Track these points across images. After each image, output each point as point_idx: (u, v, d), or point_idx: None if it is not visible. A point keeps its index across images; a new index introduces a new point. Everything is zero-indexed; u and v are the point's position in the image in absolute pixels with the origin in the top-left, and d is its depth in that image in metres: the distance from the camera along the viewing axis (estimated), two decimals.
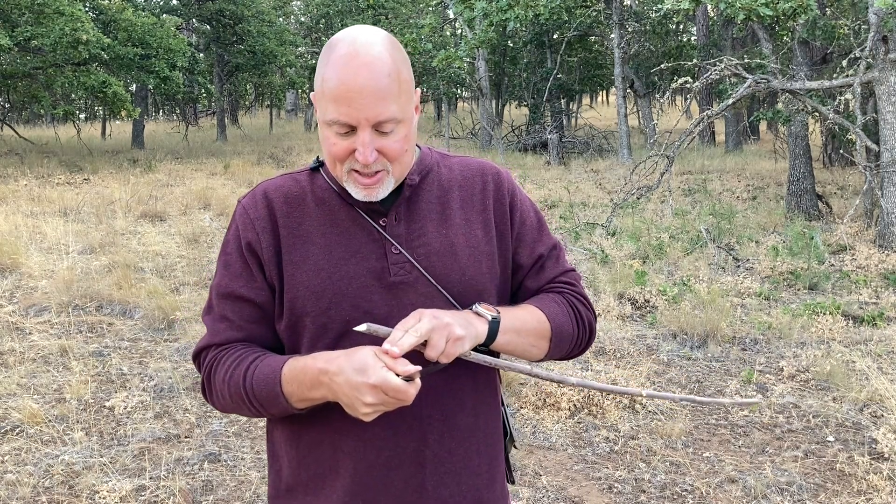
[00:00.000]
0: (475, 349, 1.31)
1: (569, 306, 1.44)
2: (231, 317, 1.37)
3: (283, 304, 1.35)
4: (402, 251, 1.34)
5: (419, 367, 1.19)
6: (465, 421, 1.37)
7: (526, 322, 1.37)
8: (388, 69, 1.24)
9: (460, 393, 1.38)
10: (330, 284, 1.32)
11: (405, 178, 1.37)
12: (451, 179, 1.43)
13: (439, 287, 1.34)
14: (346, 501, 1.35)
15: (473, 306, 1.34)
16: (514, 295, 1.48)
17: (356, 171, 1.29)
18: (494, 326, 1.32)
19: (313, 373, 1.24)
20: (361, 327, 1.23)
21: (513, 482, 1.53)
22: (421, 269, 1.34)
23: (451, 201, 1.41)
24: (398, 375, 1.17)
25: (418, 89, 1.37)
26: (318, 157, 1.46)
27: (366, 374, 1.17)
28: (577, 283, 1.50)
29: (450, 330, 1.23)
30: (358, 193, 1.31)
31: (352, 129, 1.25)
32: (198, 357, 1.41)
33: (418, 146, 1.44)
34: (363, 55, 1.24)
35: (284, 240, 1.35)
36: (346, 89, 1.22)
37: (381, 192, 1.31)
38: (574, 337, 1.44)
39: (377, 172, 1.29)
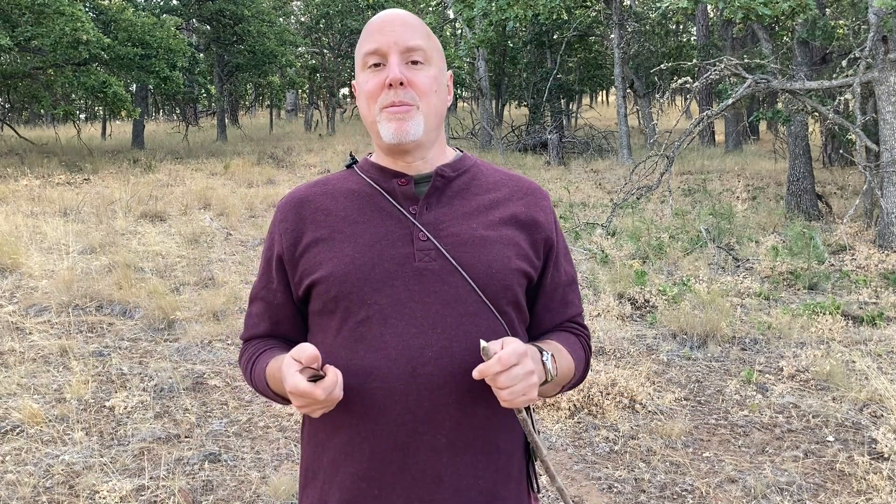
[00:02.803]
0: None
1: (586, 359, 1.52)
2: (255, 315, 1.50)
3: (310, 292, 1.39)
4: (430, 238, 1.35)
5: (318, 371, 1.23)
6: (483, 412, 1.35)
7: (564, 374, 1.42)
8: (417, 19, 1.41)
9: (479, 382, 1.35)
10: (353, 269, 1.34)
11: (437, 170, 1.41)
12: (490, 183, 1.46)
13: (466, 276, 1.34)
14: (361, 487, 1.34)
15: (544, 355, 1.34)
16: (530, 310, 1.49)
17: (387, 107, 1.35)
18: (544, 382, 1.36)
19: (279, 375, 1.33)
20: (482, 342, 1.24)
21: (537, 490, 1.51)
22: (449, 257, 1.35)
23: (486, 201, 1.43)
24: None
25: (450, 72, 1.47)
26: (350, 153, 1.55)
27: (285, 381, 1.24)
28: (586, 325, 1.58)
29: (530, 393, 1.25)
30: (389, 131, 1.35)
31: (383, 62, 1.36)
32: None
33: (460, 150, 1.50)
34: (394, 11, 1.41)
35: (311, 234, 1.40)
36: (380, 21, 1.39)
37: (412, 128, 1.35)
38: (575, 384, 1.53)
39: (407, 105, 1.34)
